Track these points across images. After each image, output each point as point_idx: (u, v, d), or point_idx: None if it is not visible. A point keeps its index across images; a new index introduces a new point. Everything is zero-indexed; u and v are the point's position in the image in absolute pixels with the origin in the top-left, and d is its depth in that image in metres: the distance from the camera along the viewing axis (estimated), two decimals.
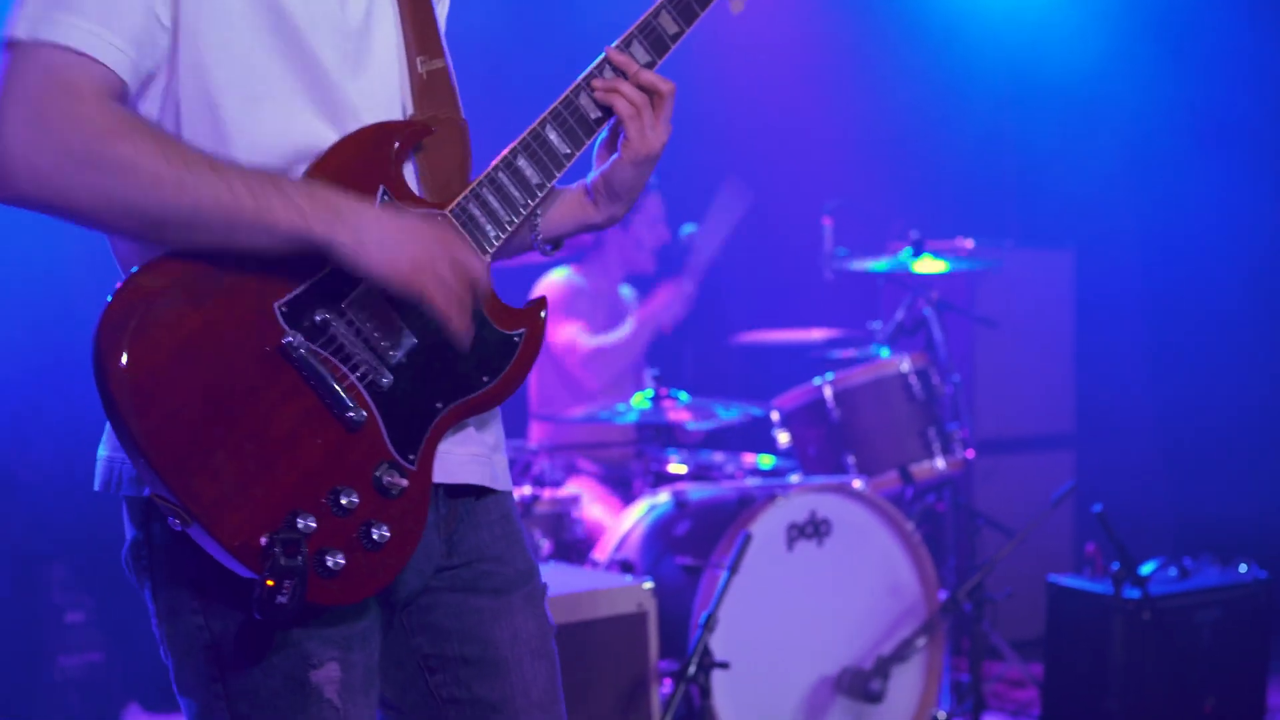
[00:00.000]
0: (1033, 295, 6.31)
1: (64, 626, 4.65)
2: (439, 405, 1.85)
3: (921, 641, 4.05)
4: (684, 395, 4.52)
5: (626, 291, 5.43)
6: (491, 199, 1.93)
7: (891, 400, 4.70)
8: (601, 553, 4.29)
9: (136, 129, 1.70)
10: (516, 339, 1.94)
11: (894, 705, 4.17)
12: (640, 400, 4.47)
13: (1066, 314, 6.43)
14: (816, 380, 4.73)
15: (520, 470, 4.48)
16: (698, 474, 4.66)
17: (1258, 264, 6.58)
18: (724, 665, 3.41)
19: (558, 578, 3.78)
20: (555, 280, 5.20)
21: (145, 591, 1.85)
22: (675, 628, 3.90)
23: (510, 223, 1.95)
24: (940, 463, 4.70)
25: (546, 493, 4.38)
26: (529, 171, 1.96)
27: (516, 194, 1.95)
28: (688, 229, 5.67)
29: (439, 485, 1.91)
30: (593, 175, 2.11)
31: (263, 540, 1.67)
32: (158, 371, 1.67)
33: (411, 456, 1.82)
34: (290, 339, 1.74)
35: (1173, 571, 4.46)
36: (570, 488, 4.79)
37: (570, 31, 5.93)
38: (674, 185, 6.26)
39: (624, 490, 4.85)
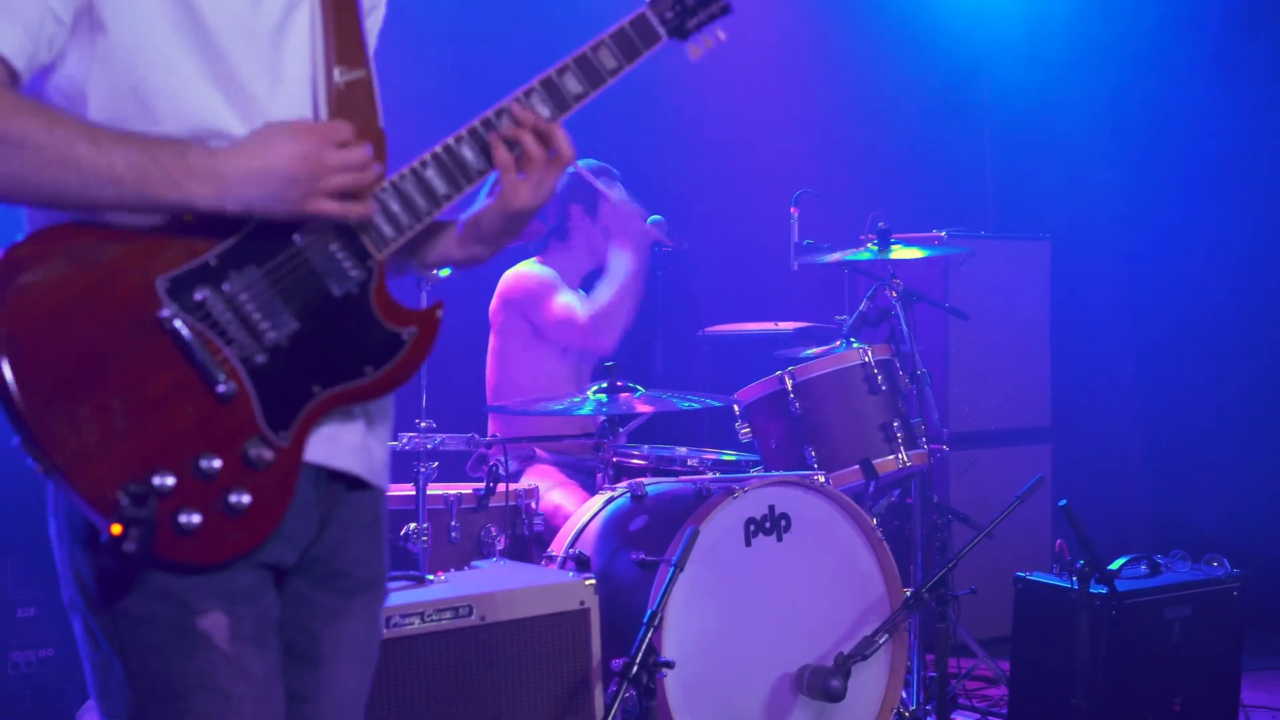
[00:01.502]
0: (1008, 287, 6.22)
1: (16, 622, 4.57)
2: (316, 389, 1.93)
3: (884, 638, 3.94)
4: (640, 388, 4.41)
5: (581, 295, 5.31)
6: (393, 203, 1.99)
7: (853, 392, 4.60)
8: (557, 547, 4.18)
9: (23, 109, 1.81)
10: (405, 337, 2.00)
11: (856, 703, 4.07)
12: (597, 392, 4.36)
13: (1042, 306, 6.34)
14: (778, 372, 4.62)
15: (476, 462, 4.38)
16: (658, 467, 4.55)
17: (1239, 255, 6.50)
18: (669, 664, 3.30)
19: (501, 574, 3.70)
20: (528, 269, 5.09)
21: (50, 530, 1.96)
22: (630, 625, 3.79)
23: (409, 226, 2.00)
24: (904, 456, 4.59)
25: (501, 486, 4.28)
26: (436, 182, 2.02)
27: (420, 202, 2.01)
28: (654, 219, 5.56)
29: (320, 468, 2.00)
30: (466, 214, 2.18)
31: (118, 491, 1.75)
32: (31, 329, 1.76)
33: (283, 433, 1.90)
34: (167, 311, 1.83)
35: (1143, 568, 4.38)
36: (528, 480, 4.69)
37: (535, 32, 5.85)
38: (643, 176, 6.17)
39: (587, 480, 4.75)
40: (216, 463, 1.83)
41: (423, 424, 3.99)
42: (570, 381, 4.99)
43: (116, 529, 1.72)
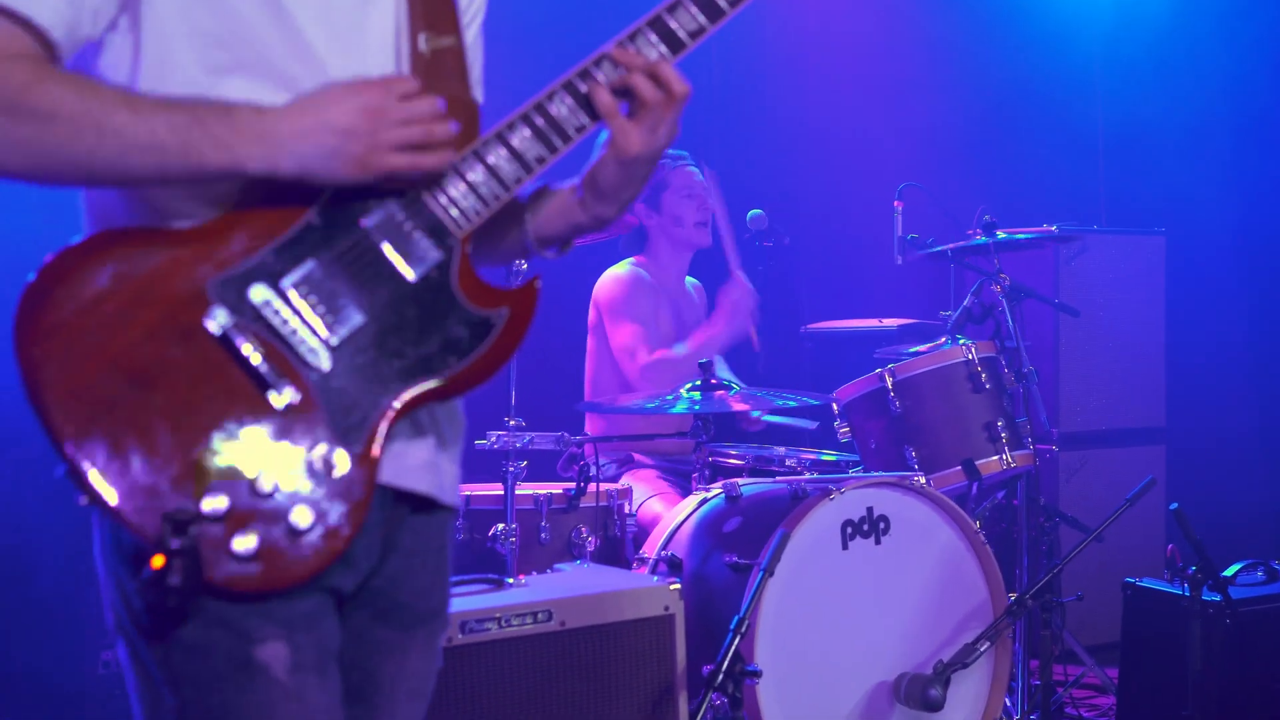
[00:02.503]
0: (1121, 282, 6.04)
1: (106, 622, 4.59)
2: (393, 389, 1.75)
3: (985, 646, 3.81)
4: (736, 385, 4.32)
5: (690, 281, 5.24)
6: (474, 172, 1.81)
7: (956, 391, 4.46)
8: (650, 549, 4.11)
9: (54, 79, 1.66)
10: (496, 320, 1.80)
11: (956, 713, 3.94)
12: (692, 390, 4.27)
13: (1156, 302, 6.13)
14: (877, 370, 4.50)
15: (567, 461, 4.31)
16: (755, 467, 4.46)
17: None
18: (756, 673, 3.21)
19: (583, 577, 3.63)
20: (618, 275, 5.01)
21: (96, 558, 1.83)
22: (723, 629, 3.70)
23: (494, 197, 1.81)
24: (1009, 457, 4.44)
25: (593, 486, 4.20)
26: (526, 145, 1.82)
27: (507, 168, 1.82)
28: (754, 213, 5.47)
29: (387, 487, 1.83)
30: (582, 173, 1.98)
31: (161, 521, 1.60)
32: (68, 346, 1.63)
33: (355, 445, 1.72)
34: (217, 316, 1.68)
35: (1259, 574, 4.21)
36: (624, 481, 4.61)
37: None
38: (745, 169, 6.08)
39: (683, 483, 4.67)
40: (276, 481, 1.67)
41: (512, 422, 3.92)
42: (675, 382, 4.90)
43: (158, 561, 1.59)
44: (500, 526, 3.90)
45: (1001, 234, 4.81)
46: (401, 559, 1.91)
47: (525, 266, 3.49)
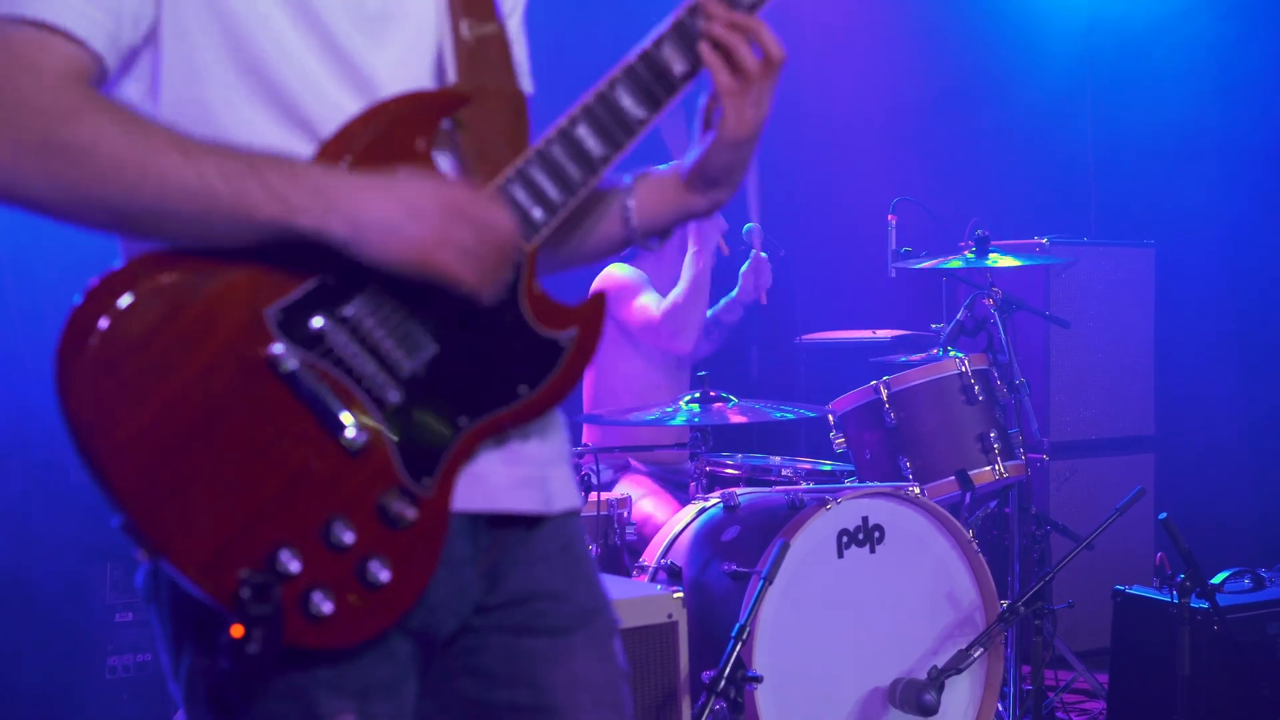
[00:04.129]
0: (1111, 294, 6.12)
1: (114, 627, 4.64)
2: (463, 422, 1.63)
3: (978, 652, 3.89)
4: (733, 398, 4.39)
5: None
6: (539, 176, 1.65)
7: (949, 403, 4.54)
8: (649, 557, 4.18)
9: (98, 110, 1.50)
10: (564, 342, 1.68)
11: (950, 717, 4.02)
12: (689, 402, 4.36)
13: (1146, 313, 6.22)
14: (872, 382, 4.59)
15: None
16: (752, 477, 4.54)
17: None
18: (757, 678, 3.29)
19: None
20: (613, 273, 5.08)
21: (154, 620, 1.68)
22: (723, 636, 3.77)
23: (563, 203, 1.66)
24: (1001, 468, 4.53)
25: (593, 495, 4.28)
26: (590, 142, 1.66)
27: (573, 170, 1.66)
28: (749, 227, 5.54)
29: (479, 515, 1.71)
30: (688, 157, 1.84)
31: (238, 579, 1.48)
32: (122, 386, 1.47)
33: (427, 481, 1.60)
34: (279, 350, 1.53)
35: (1246, 582, 4.29)
36: (622, 488, 4.69)
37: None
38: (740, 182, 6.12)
39: (681, 492, 4.75)
40: (352, 530, 1.54)
41: None
42: (666, 391, 4.98)
43: (238, 631, 1.45)
44: None
45: (994, 257, 4.88)
46: (524, 570, 1.77)
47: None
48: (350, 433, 1.55)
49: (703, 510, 4.22)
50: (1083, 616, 5.36)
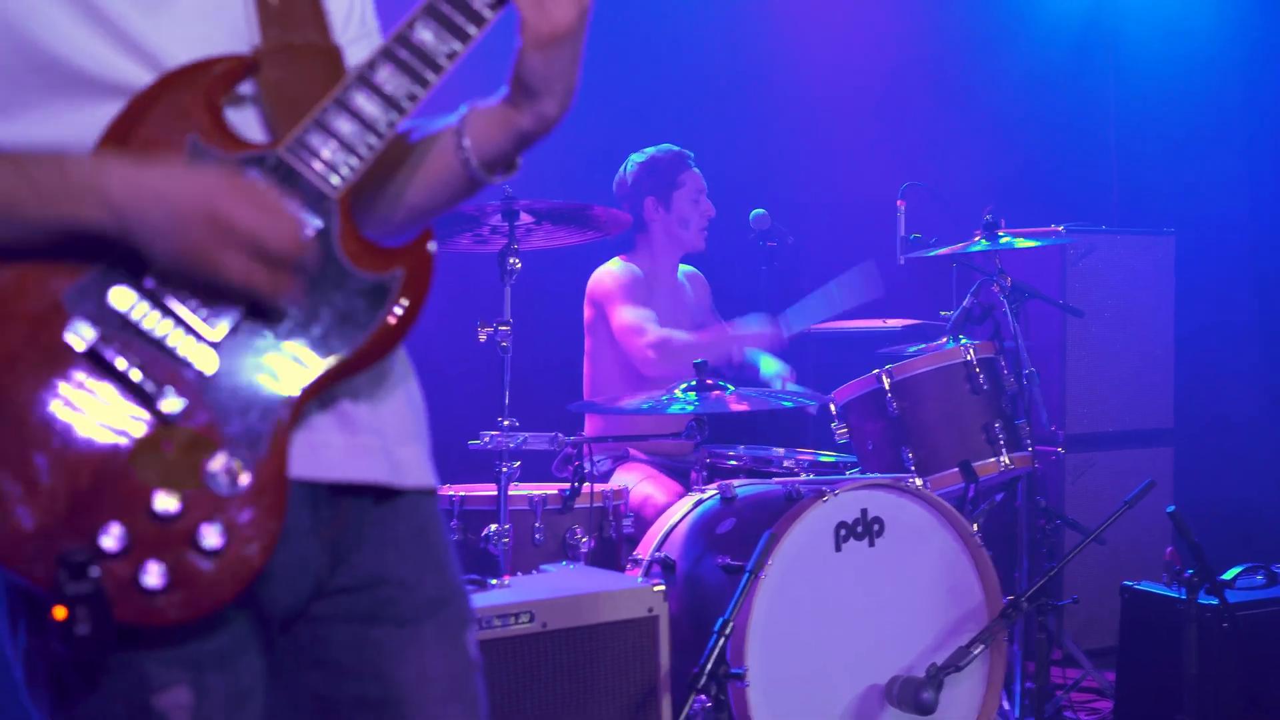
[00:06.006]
0: (1130, 283, 5.99)
1: None
2: (291, 379, 1.58)
3: (979, 649, 3.78)
4: (731, 385, 4.29)
5: (685, 269, 5.24)
6: (340, 123, 1.60)
7: (954, 392, 4.43)
8: (643, 549, 4.09)
9: None
10: (389, 283, 1.63)
11: (950, 716, 3.91)
12: (687, 390, 4.26)
13: (1166, 303, 6.07)
14: (875, 371, 4.48)
15: (562, 462, 4.30)
16: (753, 468, 4.44)
17: None
18: (739, 675, 3.19)
19: (567, 579, 3.62)
20: (612, 269, 5.02)
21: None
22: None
23: (369, 146, 1.61)
24: (1006, 459, 4.41)
25: (589, 487, 4.19)
26: (393, 83, 1.62)
27: (375, 111, 1.61)
28: (758, 212, 5.46)
29: (319, 484, 1.66)
30: (507, 80, 1.78)
31: (54, 565, 1.44)
32: None
33: (256, 445, 1.55)
34: (79, 329, 1.51)
35: (1259, 578, 4.17)
36: (620, 477, 4.61)
37: None
38: (746, 167, 6.06)
39: (683, 478, 4.67)
40: (175, 499, 1.50)
41: (505, 422, 3.92)
42: (663, 379, 4.89)
43: (60, 613, 1.42)
44: (493, 527, 3.90)
45: (1004, 236, 4.77)
46: (373, 552, 1.74)
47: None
48: (165, 403, 1.52)
49: (700, 502, 4.13)
50: (1096, 613, 5.24)
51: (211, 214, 1.50)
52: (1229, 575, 4.10)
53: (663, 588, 3.50)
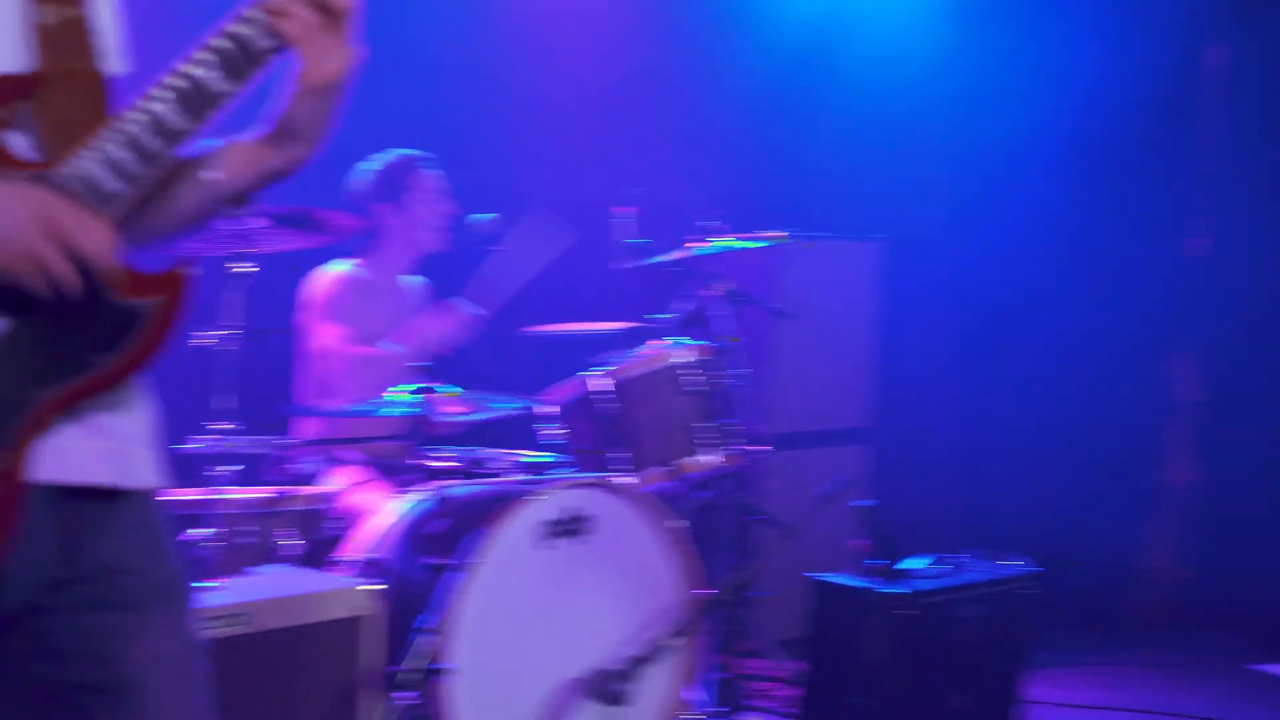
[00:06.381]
0: (838, 287, 6.27)
1: None
2: (35, 392, 1.67)
3: (675, 641, 3.96)
4: (454, 389, 4.37)
5: (413, 280, 5.26)
6: (116, 151, 1.69)
7: (663, 393, 4.59)
8: (354, 551, 4.14)
9: None
10: (142, 309, 1.72)
11: (642, 707, 4.06)
12: (406, 394, 4.32)
13: (870, 307, 6.38)
14: (585, 373, 4.61)
15: (272, 465, 4.32)
16: (468, 470, 4.53)
17: (1065, 266, 6.63)
18: (441, 671, 3.28)
19: (277, 580, 3.65)
20: (324, 274, 5.01)
21: None
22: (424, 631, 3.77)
23: (140, 176, 1.71)
24: (713, 458, 4.59)
25: (300, 489, 4.22)
26: (171, 117, 1.71)
27: (152, 142, 1.71)
28: (482, 217, 5.50)
29: (54, 486, 1.73)
30: (270, 116, 1.91)
31: None
32: None
33: (2, 450, 1.63)
34: None
35: (941, 567, 4.43)
36: (331, 482, 4.64)
37: None
38: (474, 170, 6.08)
39: (397, 481, 4.70)
40: None
41: (216, 426, 3.91)
42: (375, 384, 4.93)
43: None
44: (200, 531, 3.89)
45: (719, 240, 4.94)
46: (103, 545, 1.81)
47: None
48: None
49: (412, 504, 4.19)
50: (792, 606, 5.47)
51: (40, 215, 1.60)
52: (918, 565, 4.34)
53: (371, 588, 3.56)
